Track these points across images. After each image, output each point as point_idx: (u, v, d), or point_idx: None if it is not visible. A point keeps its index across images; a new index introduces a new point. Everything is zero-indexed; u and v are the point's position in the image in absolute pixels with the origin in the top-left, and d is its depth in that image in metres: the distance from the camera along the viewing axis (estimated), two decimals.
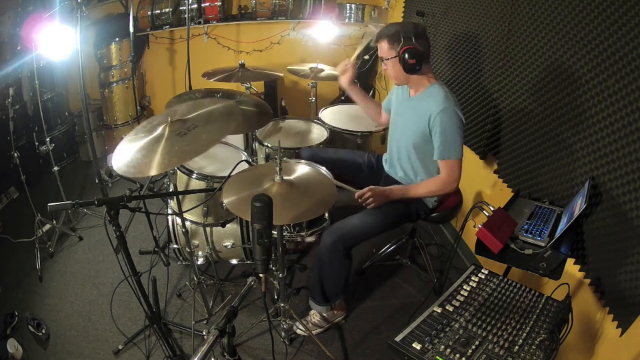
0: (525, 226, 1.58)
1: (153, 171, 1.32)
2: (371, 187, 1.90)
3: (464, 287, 1.39)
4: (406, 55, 1.70)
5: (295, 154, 2.25)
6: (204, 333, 1.97)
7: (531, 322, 1.25)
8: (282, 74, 2.78)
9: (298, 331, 2.04)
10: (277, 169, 1.62)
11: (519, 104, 1.99)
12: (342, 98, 3.86)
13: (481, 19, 2.28)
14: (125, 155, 1.42)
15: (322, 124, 2.57)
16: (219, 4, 3.56)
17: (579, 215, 1.40)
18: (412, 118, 1.89)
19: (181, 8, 3.56)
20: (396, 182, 2.07)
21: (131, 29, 2.98)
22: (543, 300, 1.34)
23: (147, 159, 1.37)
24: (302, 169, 1.82)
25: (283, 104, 2.74)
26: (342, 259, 1.86)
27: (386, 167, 2.17)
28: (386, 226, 1.93)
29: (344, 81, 2.14)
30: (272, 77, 2.87)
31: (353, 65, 2.11)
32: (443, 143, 1.77)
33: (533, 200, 1.80)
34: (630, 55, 1.36)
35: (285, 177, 1.66)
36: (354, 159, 2.23)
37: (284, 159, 1.67)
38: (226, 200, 1.60)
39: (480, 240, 1.49)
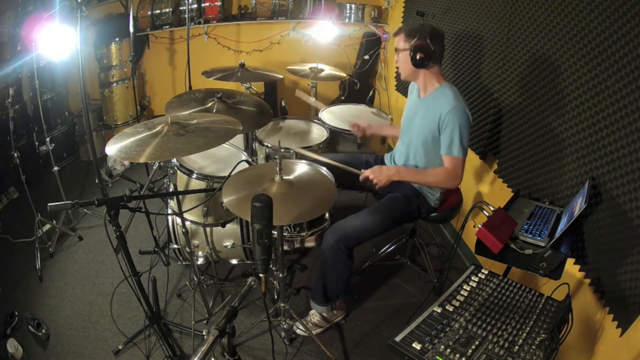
0: (525, 226, 1.58)
1: (142, 159, 1.42)
2: (374, 167, 1.91)
3: (464, 287, 1.39)
4: (416, 50, 1.78)
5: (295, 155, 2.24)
6: (204, 333, 1.96)
7: (531, 322, 1.25)
8: (282, 76, 2.77)
9: (298, 331, 2.05)
10: (277, 169, 1.63)
11: (519, 104, 1.99)
12: (342, 98, 3.86)
13: (481, 18, 2.28)
14: (121, 142, 1.49)
15: (322, 124, 2.57)
16: (219, 4, 3.57)
17: (579, 215, 1.40)
18: (423, 117, 1.92)
19: (181, 8, 3.56)
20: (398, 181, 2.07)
21: (131, 29, 2.97)
22: (543, 300, 1.34)
23: (140, 148, 1.44)
24: (302, 168, 1.82)
25: (283, 104, 2.73)
26: (345, 259, 1.87)
27: (390, 165, 2.16)
28: (388, 225, 1.93)
29: (373, 131, 2.35)
30: (271, 79, 2.85)
31: (360, 123, 2.31)
32: (450, 139, 1.80)
33: (533, 200, 1.80)
34: (630, 55, 1.36)
35: (285, 177, 1.67)
36: (352, 162, 2.22)
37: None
38: (226, 200, 1.60)
39: (480, 240, 1.48)
